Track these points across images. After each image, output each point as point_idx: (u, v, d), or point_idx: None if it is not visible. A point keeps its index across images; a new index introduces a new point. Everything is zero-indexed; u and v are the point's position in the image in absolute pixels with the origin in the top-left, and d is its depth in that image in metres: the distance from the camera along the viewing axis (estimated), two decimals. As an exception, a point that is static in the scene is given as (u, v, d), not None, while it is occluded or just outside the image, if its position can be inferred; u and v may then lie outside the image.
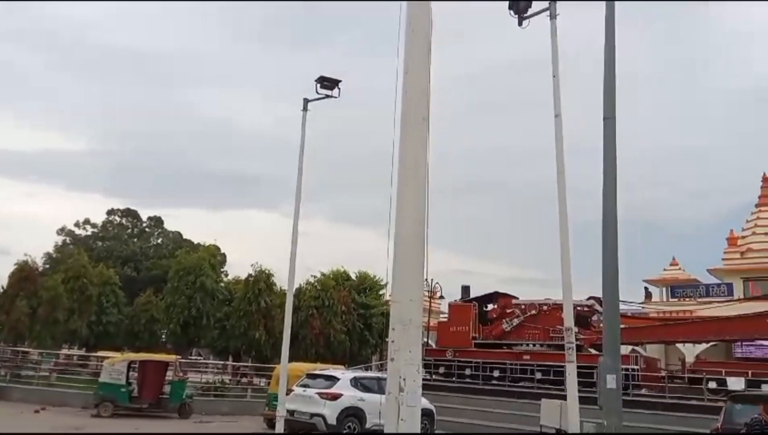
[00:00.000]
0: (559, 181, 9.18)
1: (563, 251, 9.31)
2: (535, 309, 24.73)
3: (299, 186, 13.35)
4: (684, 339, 25.48)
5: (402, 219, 4.33)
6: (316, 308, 34.38)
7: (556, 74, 9.18)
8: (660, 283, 41.98)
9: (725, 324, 22.25)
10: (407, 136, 4.45)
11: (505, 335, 25.21)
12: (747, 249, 38.99)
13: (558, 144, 9.23)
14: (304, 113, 13.40)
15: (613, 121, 11.55)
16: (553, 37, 9.26)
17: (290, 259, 13.29)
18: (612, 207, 11.33)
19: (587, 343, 22.79)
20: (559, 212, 9.25)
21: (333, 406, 14.46)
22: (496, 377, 23.87)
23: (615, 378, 10.65)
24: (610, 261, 11.18)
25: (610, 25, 11.63)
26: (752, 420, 8.59)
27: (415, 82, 4.53)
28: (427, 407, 15.78)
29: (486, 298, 27.34)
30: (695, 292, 38.76)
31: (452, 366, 25.18)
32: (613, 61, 11.48)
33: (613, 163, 11.47)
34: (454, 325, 26.43)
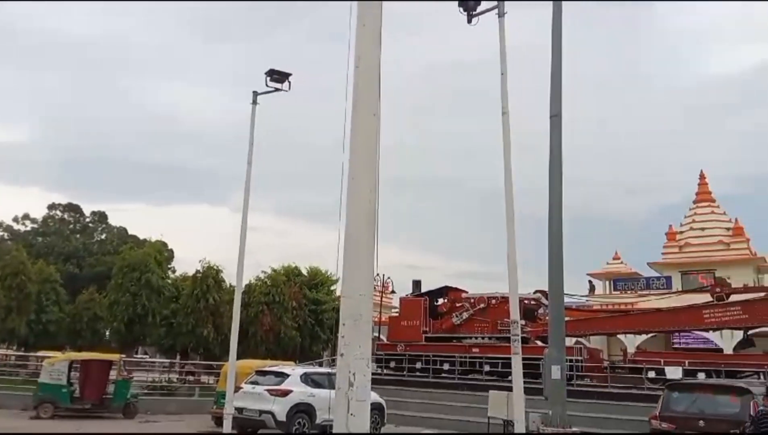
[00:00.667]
0: (506, 176, 9.36)
1: (509, 246, 9.50)
2: (484, 303, 25.14)
3: (248, 180, 13.16)
4: (625, 330, 26.41)
5: (352, 213, 4.32)
6: (267, 304, 33.97)
7: (504, 72, 9.34)
8: (603, 276, 43.38)
9: (664, 316, 23.18)
10: (358, 130, 4.44)
11: (455, 329, 25.53)
12: (685, 243, 40.69)
13: (505, 140, 9.40)
14: (253, 106, 13.20)
15: (559, 119, 11.87)
16: (501, 35, 9.42)
17: (239, 255, 13.10)
18: (557, 202, 11.65)
19: (534, 335, 23.33)
20: (505, 207, 9.43)
21: (283, 403, 14.34)
22: (446, 370, 24.16)
23: (560, 369, 10.98)
24: (556, 255, 11.50)
25: (557, 24, 11.92)
26: (759, 412, 8.67)
27: (366, 76, 4.52)
28: (377, 401, 15.84)
29: (436, 292, 27.63)
30: (636, 285, 40.26)
31: (403, 360, 25.36)
32: (559, 60, 11.78)
33: (559, 160, 11.79)
34: (405, 319, 26.60)
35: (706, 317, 21.47)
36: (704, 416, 9.70)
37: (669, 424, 9.96)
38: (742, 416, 9.39)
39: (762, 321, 20.71)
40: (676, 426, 9.83)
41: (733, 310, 21.04)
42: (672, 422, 9.93)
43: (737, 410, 9.57)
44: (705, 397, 10.29)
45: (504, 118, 9.29)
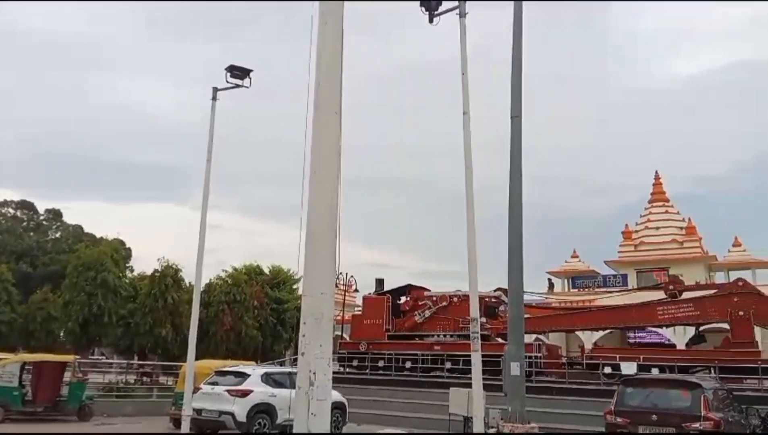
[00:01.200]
0: (467, 176, 9.45)
1: (470, 244, 9.60)
2: (446, 301, 25.35)
3: (207, 177, 12.96)
4: (583, 327, 26.97)
5: (314, 211, 4.30)
6: (227, 304, 33.51)
7: (465, 72, 9.43)
8: (562, 274, 44.26)
9: (619, 313, 23.77)
10: (320, 128, 4.42)
11: (418, 327, 25.68)
12: (640, 242, 41.84)
13: (466, 140, 9.49)
14: (213, 102, 12.99)
15: (519, 120, 12.04)
16: (462, 35, 9.51)
17: (198, 253, 12.88)
18: (517, 201, 11.82)
19: (494, 333, 23.65)
20: (466, 207, 9.52)
21: (243, 403, 14.18)
22: (408, 368, 24.30)
23: (519, 366, 11.15)
24: (516, 254, 11.67)
25: (518, 25, 12.09)
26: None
27: (328, 74, 4.51)
28: (338, 400, 15.82)
29: (399, 290, 27.74)
30: (594, 283, 41.23)
31: (366, 358, 25.39)
32: (520, 61, 11.95)
33: (519, 160, 11.96)
34: (368, 317, 26.63)
35: (659, 314, 22.12)
36: (657, 410, 9.99)
37: (623, 418, 10.22)
38: (692, 410, 9.71)
39: (712, 317, 21.45)
40: (630, 420, 10.09)
41: (685, 307, 21.75)
42: (626, 417, 10.19)
43: (688, 404, 9.88)
44: (658, 392, 10.59)
45: (465, 118, 9.38)
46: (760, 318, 20.46)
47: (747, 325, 20.44)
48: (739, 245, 40.70)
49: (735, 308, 20.42)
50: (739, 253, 40.30)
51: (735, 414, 11.01)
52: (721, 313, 20.80)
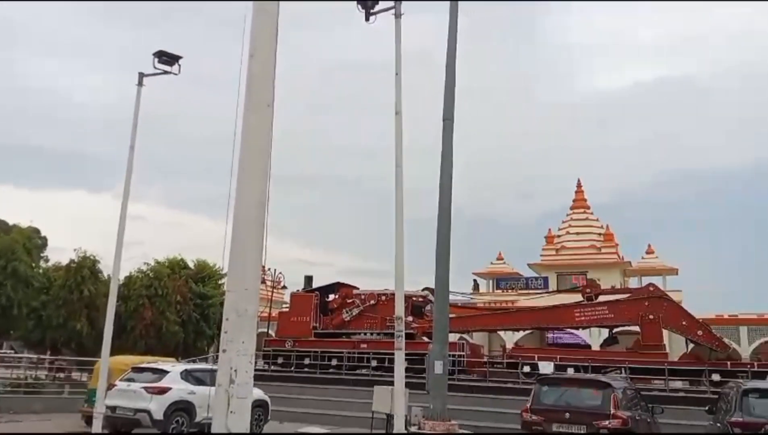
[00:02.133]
0: (397, 175, 9.52)
1: (398, 243, 9.69)
2: (374, 299, 25.49)
3: (130, 165, 12.43)
4: (505, 327, 27.79)
5: (241, 205, 4.21)
6: (148, 298, 32.36)
7: (399, 72, 9.49)
8: (487, 275, 45.42)
9: (540, 314, 24.66)
10: (250, 120, 4.33)
11: (345, 325, 25.69)
12: (561, 247, 43.50)
13: (397, 140, 9.56)
14: (138, 88, 12.46)
15: (451, 123, 12.26)
16: (397, 35, 9.57)
17: (116, 243, 12.34)
18: (447, 203, 12.04)
19: (420, 331, 23.97)
20: (395, 206, 9.60)
21: (160, 401, 13.73)
22: (334, 366, 24.27)
23: (442, 364, 11.36)
24: (443, 254, 11.89)
25: (453, 28, 12.31)
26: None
27: (261, 65, 4.42)
28: (261, 398, 15.61)
29: (328, 288, 27.65)
30: (517, 284, 42.57)
31: (291, 356, 25.16)
32: (453, 64, 12.17)
33: (449, 162, 12.18)
34: (295, 315, 26.41)
35: (577, 316, 23.11)
36: (569, 408, 10.43)
37: (538, 416, 10.61)
38: (603, 408, 10.20)
39: (625, 320, 22.61)
40: (545, 418, 10.48)
41: (600, 309, 22.82)
42: (541, 414, 10.59)
43: (599, 403, 10.38)
44: (571, 391, 11.05)
45: (397, 118, 9.45)
46: (669, 321, 21.73)
47: (656, 328, 21.67)
48: (652, 252, 43.04)
49: (646, 312, 21.62)
50: (651, 260, 42.61)
51: (642, 412, 11.64)
52: (633, 316, 21.97)
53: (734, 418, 9.48)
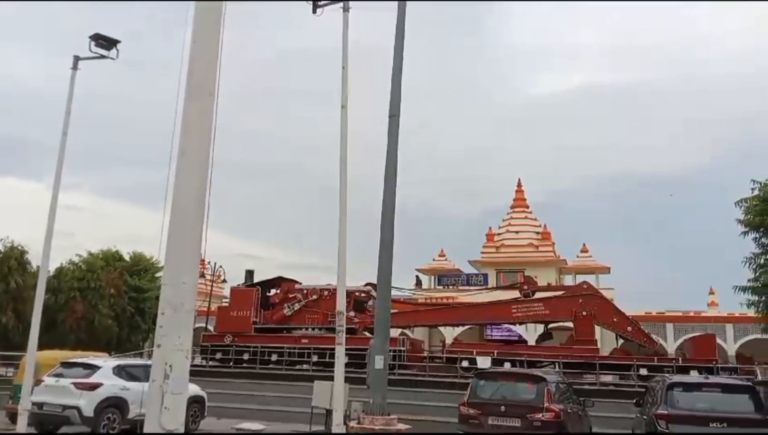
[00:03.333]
0: (341, 169, 9.48)
1: (341, 238, 9.66)
2: (316, 294, 25.35)
3: (62, 152, 11.91)
4: (445, 322, 28.21)
5: (180, 195, 4.08)
6: (80, 290, 31.15)
7: (345, 66, 9.45)
8: (429, 271, 45.94)
9: (479, 309, 25.17)
10: (192, 108, 4.20)
11: (287, 320, 25.47)
12: (501, 244, 44.47)
13: (342, 134, 9.52)
14: (73, 72, 11.92)
15: (397, 119, 12.31)
16: (345, 29, 9.52)
17: (46, 233, 11.80)
18: (391, 199, 12.09)
19: (362, 326, 24.03)
20: (339, 200, 9.56)
21: (90, 397, 13.24)
22: (274, 361, 24.03)
23: (383, 359, 11.43)
24: (386, 250, 11.94)
25: (401, 26, 12.36)
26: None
27: (204, 52, 4.30)
28: (197, 394, 15.29)
29: (269, 282, 27.32)
30: (458, 281, 43.24)
31: (230, 351, 24.75)
32: (400, 60, 12.22)
33: (394, 158, 12.23)
34: (235, 309, 25.97)
35: (514, 312, 23.71)
36: (505, 402, 10.71)
37: (475, 410, 10.83)
38: (536, 402, 10.52)
39: (560, 316, 23.36)
40: (481, 412, 10.72)
41: (536, 306, 23.50)
42: (477, 408, 10.81)
43: (533, 396, 10.69)
44: (507, 385, 11.35)
45: (342, 111, 9.40)
46: (600, 318, 22.59)
47: (589, 324, 22.50)
48: (586, 251, 44.56)
49: (579, 308, 22.41)
50: (585, 258, 44.13)
51: (574, 405, 12.07)
52: (567, 313, 22.73)
53: (660, 411, 9.95)
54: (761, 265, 15.76)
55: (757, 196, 15.97)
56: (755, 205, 15.81)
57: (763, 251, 15.93)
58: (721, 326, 36.52)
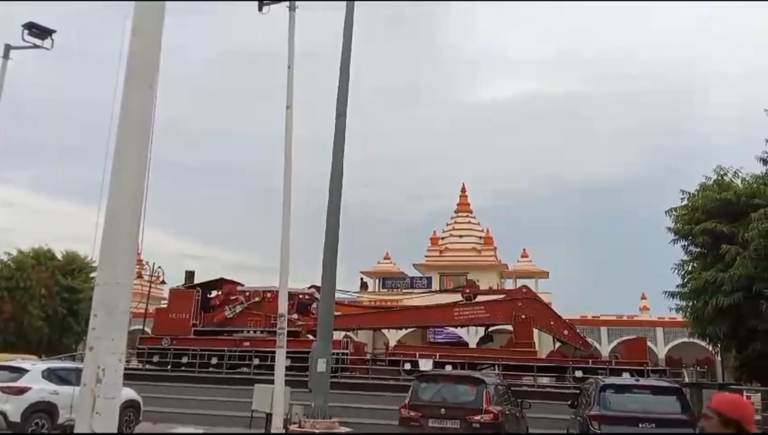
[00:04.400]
0: (286, 169, 9.39)
1: (283, 239, 9.57)
2: (259, 296, 24.97)
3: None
4: (389, 325, 28.32)
5: (115, 193, 3.96)
6: (8, 290, 29.71)
7: (291, 65, 9.37)
8: (374, 274, 46.08)
9: (422, 312, 25.40)
10: (130, 102, 4.08)
11: (228, 322, 24.98)
12: (445, 248, 45.04)
13: (288, 134, 9.43)
14: (3, 61, 11.38)
15: (344, 119, 12.28)
16: (291, 29, 9.44)
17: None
18: (337, 200, 12.05)
19: (305, 329, 23.84)
20: (283, 200, 9.46)
21: (17, 402, 12.64)
22: (214, 364, 23.54)
23: (325, 362, 11.37)
24: (331, 252, 11.88)
25: (348, 25, 12.37)
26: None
27: (145, 44, 4.18)
28: (132, 398, 14.82)
29: (210, 284, 26.73)
30: (402, 284, 43.55)
31: (168, 354, 24.09)
32: (348, 60, 12.21)
33: (341, 158, 12.19)
34: (174, 311, 25.27)
35: (456, 315, 24.04)
36: (445, 404, 10.83)
37: (415, 412, 10.91)
38: (476, 404, 10.69)
39: (500, 319, 23.83)
40: (422, 414, 10.80)
41: (478, 309, 23.90)
42: (418, 410, 10.90)
43: (472, 398, 10.86)
44: (447, 387, 11.48)
45: (288, 111, 9.32)
46: (539, 321, 23.18)
47: (528, 327, 23.04)
48: (527, 256, 45.68)
49: (518, 312, 22.92)
50: (525, 263, 45.23)
51: (512, 407, 12.33)
52: (507, 316, 23.22)
53: (592, 412, 10.28)
54: (689, 271, 16.54)
55: (685, 206, 16.75)
56: (684, 215, 16.59)
57: (690, 259, 16.72)
58: (652, 330, 38.13)
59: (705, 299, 14.81)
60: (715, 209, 15.59)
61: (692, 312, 16.07)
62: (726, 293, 14.09)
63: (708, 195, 15.97)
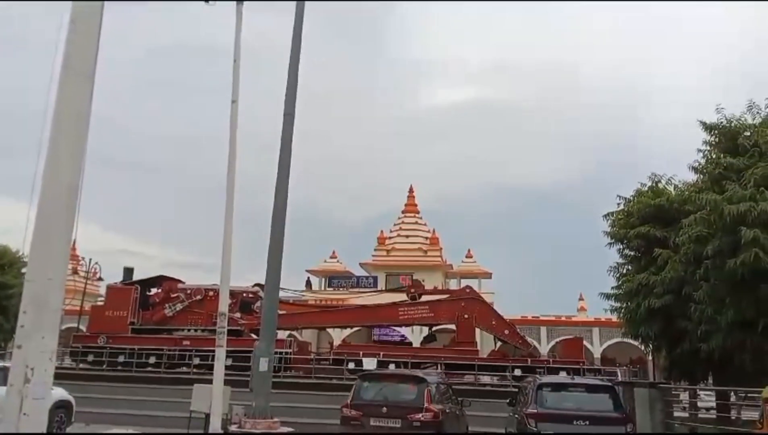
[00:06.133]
0: (229, 165, 9.24)
1: (226, 236, 9.42)
2: (200, 294, 24.50)
3: None
4: (333, 324, 28.27)
5: (49, 186, 3.83)
6: (-71, 285, 28.08)
7: (237, 59, 9.21)
8: (321, 273, 45.88)
9: (367, 312, 25.48)
10: (67, 92, 3.95)
11: (167, 320, 24.40)
12: (392, 248, 45.30)
13: (232, 129, 9.26)
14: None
15: (292, 118, 12.20)
16: (238, 21, 9.28)
17: None
18: (283, 199, 11.94)
19: (248, 328, 23.54)
20: (226, 197, 9.31)
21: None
22: (152, 364, 22.95)
23: (267, 361, 11.25)
24: (276, 250, 11.77)
25: (299, 22, 12.29)
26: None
27: (83, 32, 4.05)
28: (64, 398, 14.25)
29: (150, 281, 26.03)
30: (348, 283, 43.56)
31: (104, 353, 23.32)
32: (297, 59, 12.14)
33: (288, 157, 12.10)
34: (111, 309, 24.49)
35: (400, 314, 24.23)
36: (387, 403, 10.88)
37: (357, 411, 10.92)
38: (417, 402, 10.78)
39: (444, 319, 24.16)
40: (363, 413, 10.82)
41: (422, 308, 24.16)
42: (360, 410, 10.91)
43: (414, 397, 10.95)
44: (389, 386, 11.54)
45: (233, 106, 9.16)
46: (481, 321, 23.62)
47: (470, 327, 23.44)
48: (471, 257, 46.46)
49: (462, 312, 23.30)
50: (470, 264, 45.99)
51: (452, 405, 12.50)
52: (450, 316, 23.57)
53: (529, 410, 10.55)
54: (623, 274, 17.16)
55: (621, 211, 17.37)
56: (620, 219, 17.19)
57: (625, 262, 17.35)
58: (588, 330, 39.45)
59: (638, 301, 15.36)
60: (649, 214, 16.20)
61: (626, 313, 16.64)
62: (658, 295, 14.66)
63: (643, 200, 16.57)
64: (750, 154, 12.66)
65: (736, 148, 13.33)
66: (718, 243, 11.82)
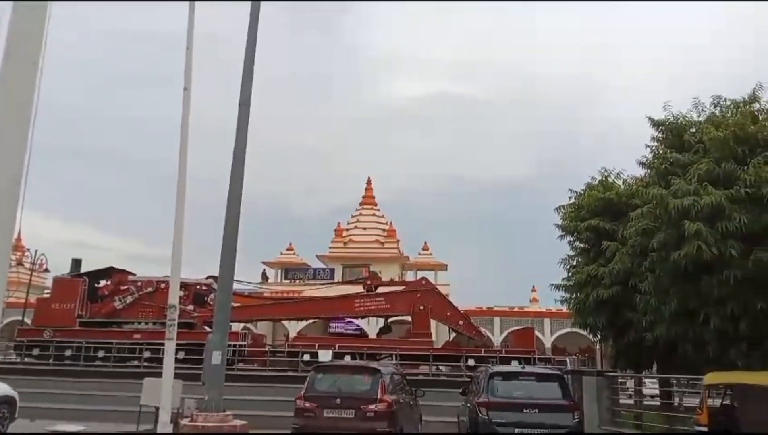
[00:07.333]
0: (181, 153, 9.04)
1: (177, 226, 9.23)
2: (152, 286, 24.01)
3: None
4: (289, 316, 28.15)
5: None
6: None
7: (190, 46, 9.00)
8: (277, 265, 45.54)
9: (323, 304, 25.44)
10: (10, 78, 3.81)
11: (117, 313, 23.82)
12: (349, 240, 45.30)
13: (184, 117, 9.06)
14: None
15: (247, 108, 12.05)
16: (191, 7, 9.06)
17: None
18: (238, 189, 11.79)
19: (201, 321, 23.20)
20: (177, 185, 9.11)
21: None
22: (101, 358, 22.40)
23: (220, 354, 11.13)
24: (229, 242, 11.63)
25: (255, 11, 12.13)
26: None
27: (29, 16, 3.91)
28: (7, 394, 13.80)
29: (99, 273, 25.34)
30: (305, 275, 43.36)
31: (50, 347, 22.62)
32: (253, 47, 11.98)
33: (243, 148, 11.95)
34: (57, 301, 23.76)
35: (356, 306, 24.29)
36: (341, 394, 10.93)
37: (311, 403, 10.94)
38: (371, 393, 10.86)
39: (399, 310, 24.34)
40: (317, 405, 10.85)
41: (378, 300, 24.28)
42: (313, 401, 10.93)
43: (368, 388, 11.02)
44: (343, 378, 11.59)
45: (185, 94, 8.95)
46: (436, 312, 23.89)
47: (425, 318, 23.69)
48: (427, 249, 46.88)
49: (417, 303, 23.53)
50: (426, 256, 46.41)
51: (406, 396, 12.64)
52: (406, 307, 23.76)
53: (481, 399, 10.77)
54: (573, 266, 17.60)
55: (572, 204, 17.80)
56: (571, 212, 17.62)
57: (575, 254, 17.80)
58: (540, 320, 40.41)
59: (587, 292, 15.77)
60: (598, 208, 16.64)
61: (575, 304, 17.06)
62: (606, 286, 15.09)
63: (593, 194, 17.00)
64: (695, 150, 13.12)
65: (682, 145, 13.80)
66: (663, 236, 12.23)
